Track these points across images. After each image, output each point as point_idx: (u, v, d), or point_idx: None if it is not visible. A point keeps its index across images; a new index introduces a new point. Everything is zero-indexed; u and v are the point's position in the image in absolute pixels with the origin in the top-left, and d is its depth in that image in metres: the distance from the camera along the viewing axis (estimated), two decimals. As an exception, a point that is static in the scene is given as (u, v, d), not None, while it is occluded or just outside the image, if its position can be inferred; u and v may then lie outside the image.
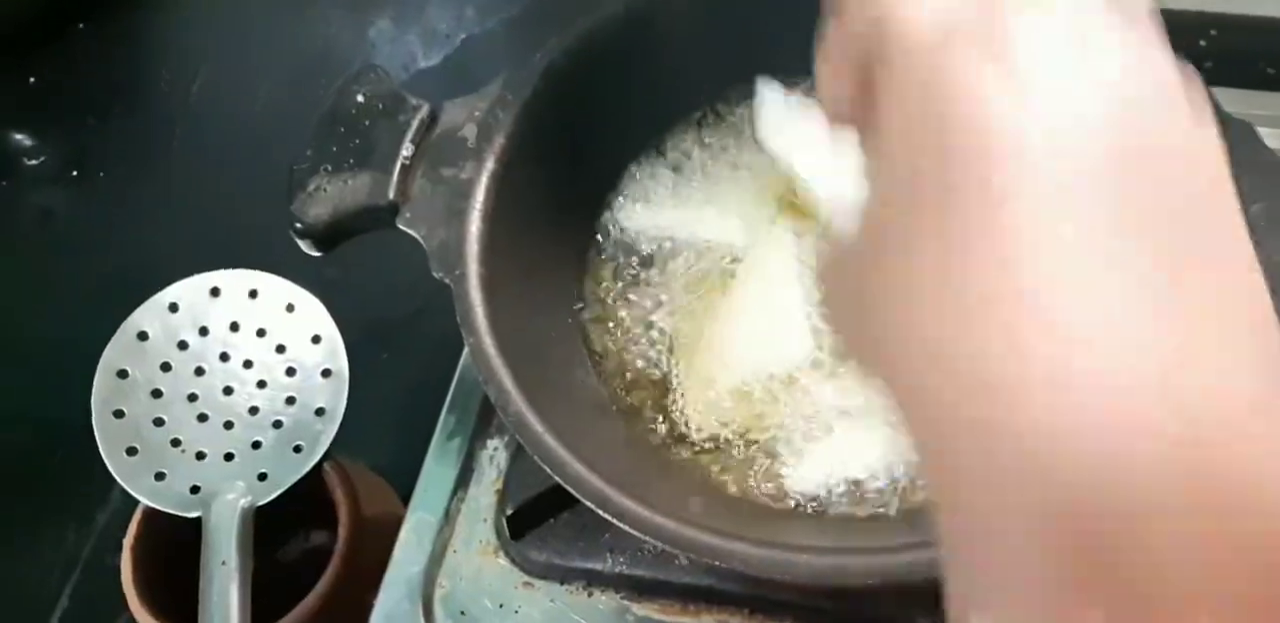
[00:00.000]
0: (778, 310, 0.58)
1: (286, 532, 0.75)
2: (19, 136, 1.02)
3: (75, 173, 0.98)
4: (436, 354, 0.68)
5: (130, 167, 0.97)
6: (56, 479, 0.83)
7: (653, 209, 0.62)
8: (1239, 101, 0.63)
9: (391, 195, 0.54)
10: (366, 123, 0.56)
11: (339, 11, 1.04)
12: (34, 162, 0.99)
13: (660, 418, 0.57)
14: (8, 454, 0.86)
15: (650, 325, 0.59)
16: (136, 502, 0.66)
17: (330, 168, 0.55)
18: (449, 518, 0.61)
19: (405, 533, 0.61)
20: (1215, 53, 0.74)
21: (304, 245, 0.56)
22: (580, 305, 0.61)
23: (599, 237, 0.62)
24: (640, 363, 0.58)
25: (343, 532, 0.64)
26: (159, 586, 0.64)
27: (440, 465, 0.63)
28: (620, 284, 0.61)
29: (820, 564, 0.46)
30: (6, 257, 0.95)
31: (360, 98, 0.57)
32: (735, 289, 0.59)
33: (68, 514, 0.82)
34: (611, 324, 0.60)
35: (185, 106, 1.00)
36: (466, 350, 0.66)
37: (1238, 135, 0.51)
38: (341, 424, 0.62)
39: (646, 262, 0.61)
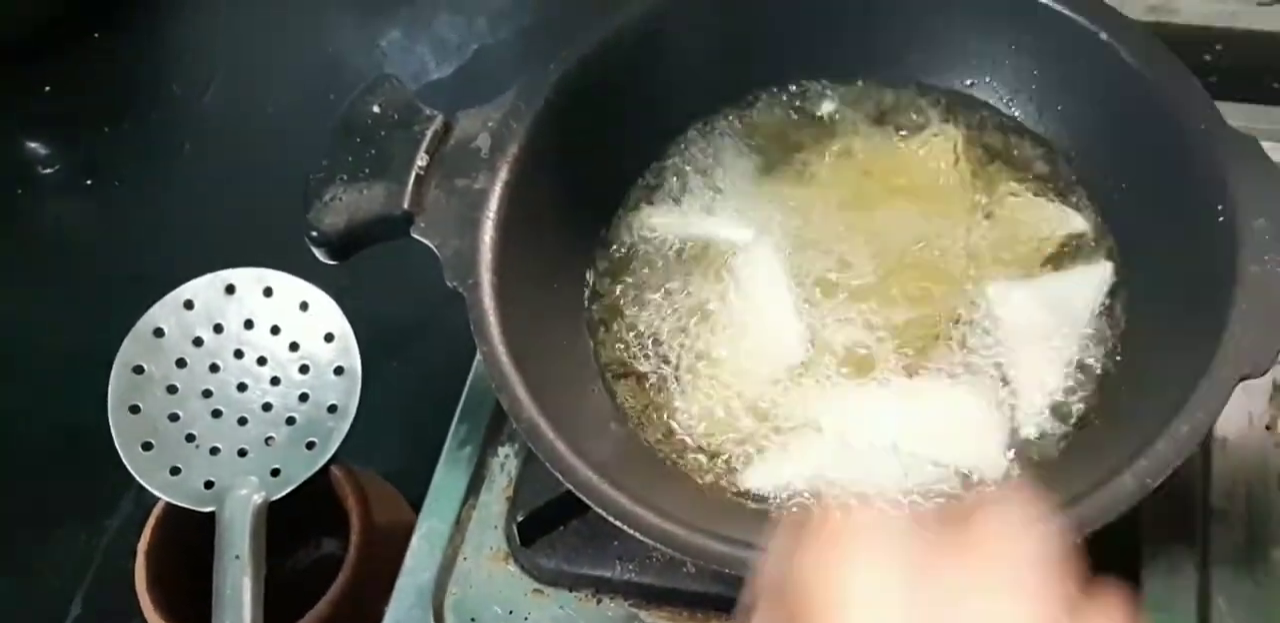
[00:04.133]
0: (772, 316, 0.59)
1: (298, 540, 0.75)
2: (33, 145, 1.02)
3: (89, 181, 0.99)
4: (446, 363, 0.69)
5: (143, 175, 0.98)
6: (68, 485, 0.84)
7: (664, 216, 0.63)
8: (1244, 116, 0.63)
9: (406, 205, 0.55)
10: (381, 133, 0.57)
11: (350, 22, 1.05)
12: (48, 170, 1.00)
13: (668, 425, 0.57)
14: (20, 460, 0.87)
15: (659, 332, 0.59)
16: (147, 507, 0.66)
17: (346, 177, 0.56)
18: (459, 525, 0.62)
19: (416, 540, 0.61)
20: (1220, 67, 0.75)
21: (320, 254, 0.56)
22: (591, 313, 0.61)
23: (611, 244, 0.63)
24: (648, 370, 0.59)
25: (354, 539, 0.64)
26: (172, 590, 0.64)
27: (451, 473, 0.63)
28: (632, 291, 0.61)
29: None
30: (22, 264, 0.96)
31: (375, 108, 0.57)
32: (732, 297, 0.60)
33: (79, 520, 0.82)
34: (621, 331, 0.60)
35: (197, 116, 1.01)
36: (478, 359, 0.67)
37: (1243, 150, 0.52)
38: (353, 432, 0.63)
39: (658, 268, 0.62)
